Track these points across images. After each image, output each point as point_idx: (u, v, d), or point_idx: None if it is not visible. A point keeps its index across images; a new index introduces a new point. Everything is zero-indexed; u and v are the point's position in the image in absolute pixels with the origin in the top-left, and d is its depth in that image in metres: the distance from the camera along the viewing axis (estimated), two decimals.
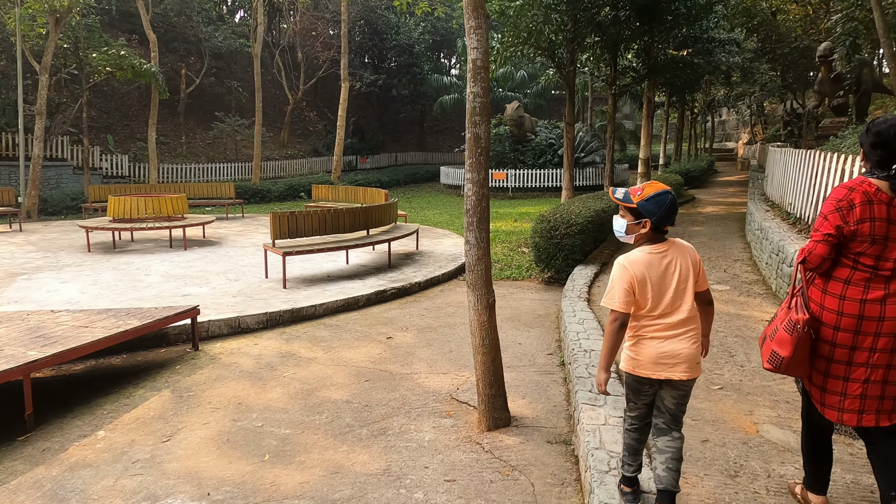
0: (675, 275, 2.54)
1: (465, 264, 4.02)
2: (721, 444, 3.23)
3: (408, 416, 4.24)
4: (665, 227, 2.57)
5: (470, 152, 3.95)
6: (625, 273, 2.54)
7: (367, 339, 6.04)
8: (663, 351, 2.51)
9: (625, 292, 2.52)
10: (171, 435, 4.01)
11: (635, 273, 2.53)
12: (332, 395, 4.64)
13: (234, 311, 6.50)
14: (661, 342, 2.52)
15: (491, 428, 3.92)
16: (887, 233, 2.36)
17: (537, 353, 5.55)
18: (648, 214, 2.53)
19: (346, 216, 8.75)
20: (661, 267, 2.55)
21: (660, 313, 2.53)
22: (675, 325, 2.52)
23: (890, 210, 2.36)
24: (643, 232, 2.58)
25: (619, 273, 2.57)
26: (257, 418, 4.25)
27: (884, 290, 2.37)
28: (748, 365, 4.48)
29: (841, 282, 2.44)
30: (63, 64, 19.01)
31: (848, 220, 2.38)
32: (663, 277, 2.54)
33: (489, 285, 3.98)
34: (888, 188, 2.37)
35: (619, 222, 2.66)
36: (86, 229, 10.40)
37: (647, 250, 2.57)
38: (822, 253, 2.43)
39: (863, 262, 2.40)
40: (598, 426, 3.22)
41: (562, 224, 8.17)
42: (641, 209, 2.55)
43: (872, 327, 2.37)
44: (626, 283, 2.53)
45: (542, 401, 4.44)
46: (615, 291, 2.55)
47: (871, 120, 2.48)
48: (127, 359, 5.53)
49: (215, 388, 4.79)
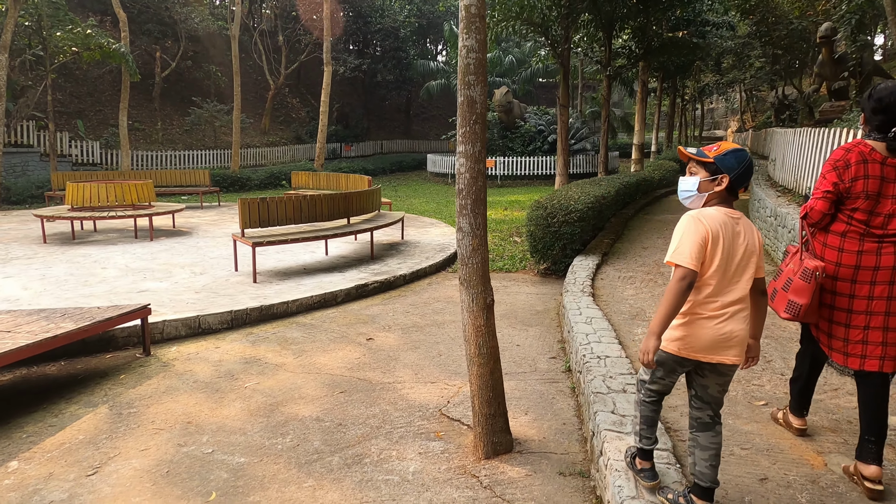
0: (743, 247, 2.31)
1: (458, 256, 3.31)
2: (785, 485, 2.56)
3: (389, 439, 3.54)
4: (741, 187, 2.35)
5: (463, 119, 3.23)
6: (699, 226, 2.26)
7: (345, 341, 5.32)
8: (722, 333, 2.27)
9: (698, 247, 2.24)
10: (100, 466, 3.28)
11: (711, 228, 2.26)
12: (300, 412, 3.92)
13: (195, 309, 5.75)
14: (719, 322, 2.27)
15: (490, 455, 3.23)
16: (880, 189, 2.56)
17: (538, 357, 4.87)
18: (727, 170, 2.32)
19: (324, 203, 7.99)
20: (733, 233, 2.30)
21: (719, 287, 2.28)
22: (732, 303, 2.29)
23: (883, 168, 2.56)
24: (718, 190, 2.35)
25: (691, 226, 2.28)
26: (208, 442, 3.53)
27: (878, 242, 2.56)
28: (789, 373, 3.81)
29: (838, 235, 2.65)
30: (27, 44, 17.95)
31: (844, 178, 2.60)
32: (733, 244, 2.29)
33: (487, 282, 3.28)
34: (884, 149, 2.57)
35: (690, 180, 2.43)
36: (41, 218, 9.55)
37: (723, 211, 2.33)
38: (822, 209, 2.65)
39: (857, 217, 2.60)
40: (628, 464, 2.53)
41: (560, 211, 7.47)
42: (719, 163, 2.33)
43: (868, 276, 2.57)
44: (701, 237, 2.25)
45: (549, 417, 3.76)
46: (686, 246, 2.25)
47: (874, 86, 2.64)
48: (64, 367, 4.77)
49: (162, 403, 4.06)
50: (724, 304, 2.28)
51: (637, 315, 5.14)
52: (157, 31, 24.94)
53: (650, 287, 6.12)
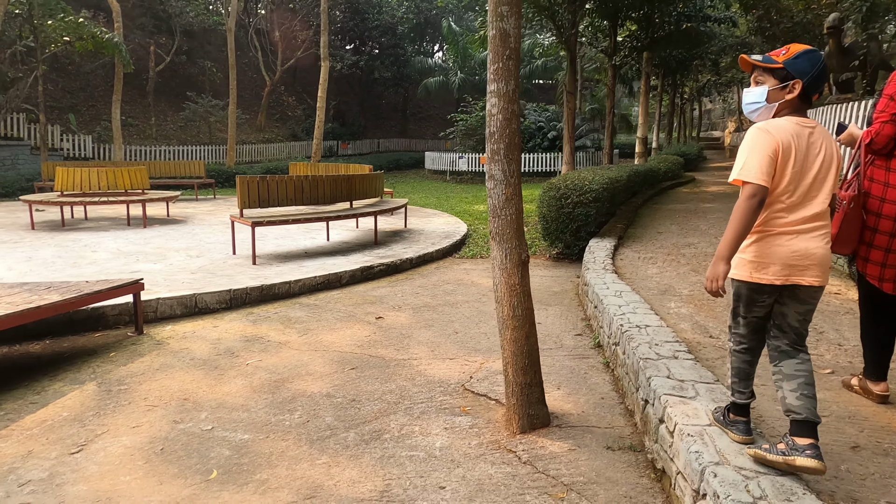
0: (819, 158, 2.06)
1: (489, 208, 2.96)
2: (883, 453, 2.22)
3: (409, 414, 3.18)
4: (815, 93, 2.10)
5: (495, 55, 2.89)
6: (768, 139, 2.02)
7: (353, 320, 4.96)
8: (795, 249, 2.03)
9: (768, 160, 2.00)
10: (86, 443, 2.91)
11: (781, 140, 2.02)
12: (309, 388, 3.56)
13: (192, 288, 5.38)
14: (791, 238, 2.04)
15: (525, 429, 2.88)
16: None
17: (563, 334, 4.52)
18: (799, 74, 2.07)
19: (326, 184, 7.63)
20: (807, 144, 2.05)
21: (794, 202, 2.05)
22: (808, 219, 2.05)
23: None
24: (789, 98, 2.09)
25: (759, 139, 2.04)
26: (207, 419, 3.16)
27: None
28: (846, 343, 3.48)
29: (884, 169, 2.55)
30: (18, 35, 17.53)
31: None
32: (807, 156, 2.05)
33: (521, 236, 2.93)
34: None
35: (756, 90, 2.16)
36: (28, 203, 9.14)
37: (794, 121, 2.08)
38: (890, 133, 2.51)
39: None
40: (702, 428, 2.18)
41: (574, 191, 7.14)
42: (790, 68, 2.08)
43: None
44: (770, 149, 2.01)
45: (584, 391, 3.41)
46: (754, 160, 2.02)
47: None
48: (49, 345, 4.38)
49: (156, 380, 3.69)
50: (800, 219, 2.05)
51: (666, 291, 4.80)
52: (151, 25, 24.55)
53: (674, 266, 5.79)
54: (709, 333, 3.65)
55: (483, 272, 6.84)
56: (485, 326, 4.76)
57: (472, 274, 6.76)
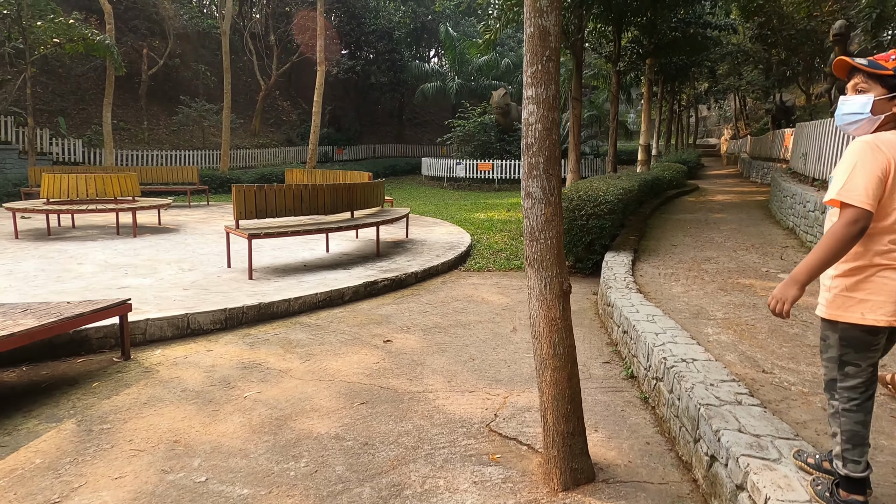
0: None
1: (525, 230, 2.60)
2: None
3: (431, 463, 2.80)
4: None
5: (533, 56, 2.53)
6: (878, 155, 1.74)
7: (359, 343, 4.58)
8: None
9: (877, 181, 1.73)
10: (59, 500, 2.52)
11: (893, 158, 1.74)
12: (315, 428, 3.18)
13: (184, 307, 4.98)
14: None
15: (569, 486, 2.51)
16: None
17: (589, 362, 4.16)
18: None
19: (326, 194, 7.25)
20: None
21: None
22: None
23: None
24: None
25: (868, 154, 1.75)
26: (200, 468, 2.78)
27: None
28: None
29: None
30: (7, 36, 17.06)
31: None
32: None
33: (562, 262, 2.57)
34: None
35: (858, 100, 1.87)
36: (12, 212, 8.71)
37: None
38: None
39: None
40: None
41: (588, 203, 6.79)
42: None
43: None
44: (880, 168, 1.74)
45: (626, 434, 3.04)
46: (860, 179, 1.74)
47: None
48: (26, 373, 3.98)
49: (143, 417, 3.29)
50: None
51: (699, 314, 4.44)
52: (144, 27, 24.12)
53: (699, 284, 5.44)
54: (760, 367, 3.30)
55: (492, 287, 6.47)
56: (502, 352, 4.39)
57: (481, 290, 6.39)
